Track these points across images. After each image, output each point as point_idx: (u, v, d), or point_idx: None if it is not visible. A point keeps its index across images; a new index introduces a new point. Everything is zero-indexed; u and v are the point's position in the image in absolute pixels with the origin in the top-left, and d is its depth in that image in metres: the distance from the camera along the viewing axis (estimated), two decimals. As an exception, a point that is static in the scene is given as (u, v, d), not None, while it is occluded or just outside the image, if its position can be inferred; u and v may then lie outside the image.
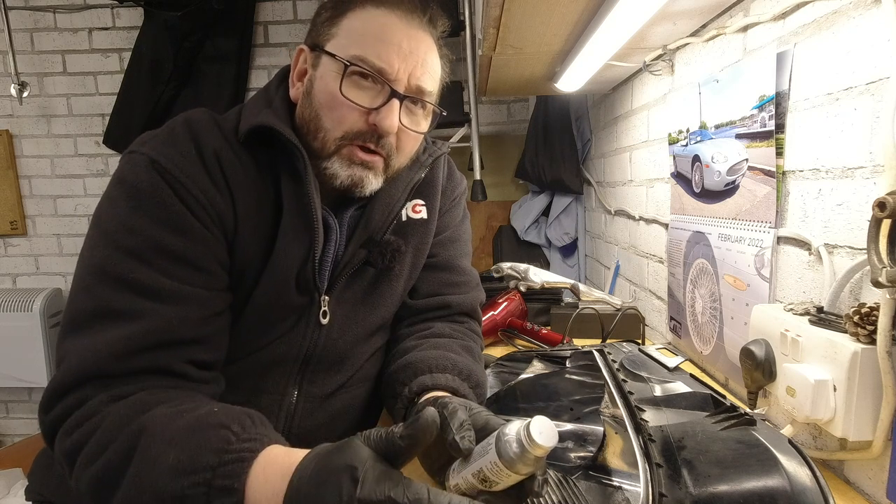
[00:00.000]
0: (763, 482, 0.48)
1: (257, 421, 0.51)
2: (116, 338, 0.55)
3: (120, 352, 0.55)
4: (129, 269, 0.58)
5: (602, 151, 1.70)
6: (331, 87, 0.65)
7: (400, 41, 0.65)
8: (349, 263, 0.72)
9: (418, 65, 0.67)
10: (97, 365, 0.54)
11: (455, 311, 0.85)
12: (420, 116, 0.71)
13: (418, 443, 0.44)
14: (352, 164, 0.67)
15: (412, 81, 0.67)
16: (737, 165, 0.80)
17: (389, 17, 0.66)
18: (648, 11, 0.81)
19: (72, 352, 0.56)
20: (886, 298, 0.49)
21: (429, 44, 0.69)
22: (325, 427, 0.75)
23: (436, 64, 0.70)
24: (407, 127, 0.68)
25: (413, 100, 0.68)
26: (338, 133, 0.66)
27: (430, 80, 0.69)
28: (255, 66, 2.30)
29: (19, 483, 2.00)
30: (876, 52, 0.54)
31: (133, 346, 0.55)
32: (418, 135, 0.71)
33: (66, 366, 0.55)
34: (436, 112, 0.73)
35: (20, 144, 2.35)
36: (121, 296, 0.57)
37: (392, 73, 0.65)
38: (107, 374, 0.55)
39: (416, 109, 0.70)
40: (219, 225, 0.64)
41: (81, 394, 0.54)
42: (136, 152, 0.63)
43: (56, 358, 0.57)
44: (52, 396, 0.55)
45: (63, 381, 0.55)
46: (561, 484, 0.56)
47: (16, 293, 2.28)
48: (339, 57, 0.64)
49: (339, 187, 0.68)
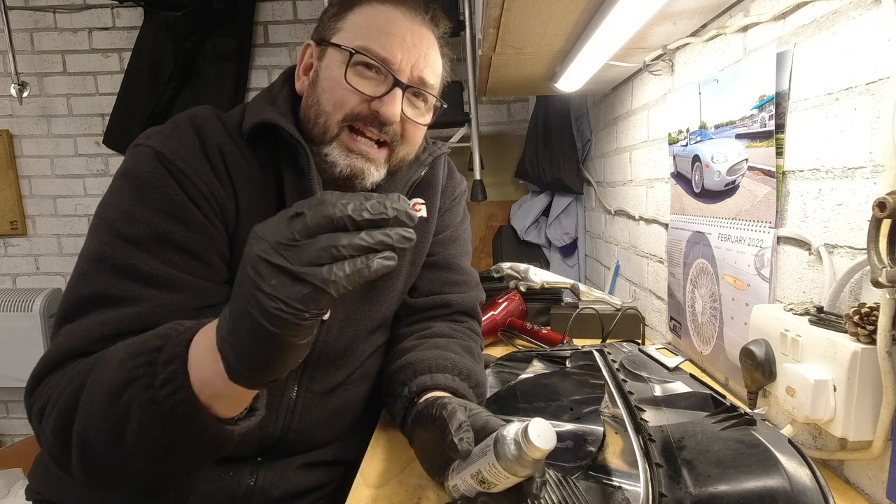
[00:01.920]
0: (763, 482, 0.48)
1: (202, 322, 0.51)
2: (108, 319, 0.55)
3: (109, 333, 0.55)
4: (127, 256, 0.58)
5: (602, 151, 1.70)
6: (335, 74, 0.66)
7: (403, 34, 0.67)
8: None
9: (421, 57, 0.68)
10: (83, 344, 0.54)
11: (455, 310, 0.85)
12: (422, 109, 0.72)
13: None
14: (350, 152, 0.68)
15: (415, 73, 0.68)
16: (737, 165, 0.80)
17: (393, 13, 0.68)
18: (648, 11, 0.81)
19: (62, 334, 0.56)
20: (886, 298, 0.49)
21: (430, 39, 0.70)
22: (324, 424, 0.75)
23: (437, 59, 0.72)
24: (410, 118, 0.69)
25: (415, 91, 0.69)
26: (338, 115, 0.67)
27: (432, 73, 0.70)
28: (255, 66, 2.30)
29: (19, 483, 2.00)
30: (876, 52, 0.54)
31: (123, 328, 0.55)
32: (422, 126, 0.72)
33: (53, 347, 0.55)
34: (437, 106, 0.74)
35: (20, 144, 2.35)
36: (118, 282, 0.57)
37: (395, 64, 0.66)
38: (89, 352, 0.54)
39: (419, 102, 0.71)
40: (220, 217, 0.64)
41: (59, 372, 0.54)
42: (141, 145, 0.63)
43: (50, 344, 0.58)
44: (35, 378, 0.55)
45: (46, 361, 0.55)
46: (561, 484, 0.56)
47: (16, 293, 2.28)
48: (345, 46, 0.66)
49: (339, 176, 0.68)
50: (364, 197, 0.40)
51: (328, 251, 0.38)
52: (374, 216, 0.39)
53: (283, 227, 0.39)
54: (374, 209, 0.39)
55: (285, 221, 0.39)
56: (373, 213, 0.39)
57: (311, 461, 0.75)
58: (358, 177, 0.68)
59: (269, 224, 0.40)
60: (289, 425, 0.72)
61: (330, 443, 0.78)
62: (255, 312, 0.39)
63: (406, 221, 0.40)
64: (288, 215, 0.39)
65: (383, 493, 0.61)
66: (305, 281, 0.38)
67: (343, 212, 0.38)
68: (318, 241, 0.38)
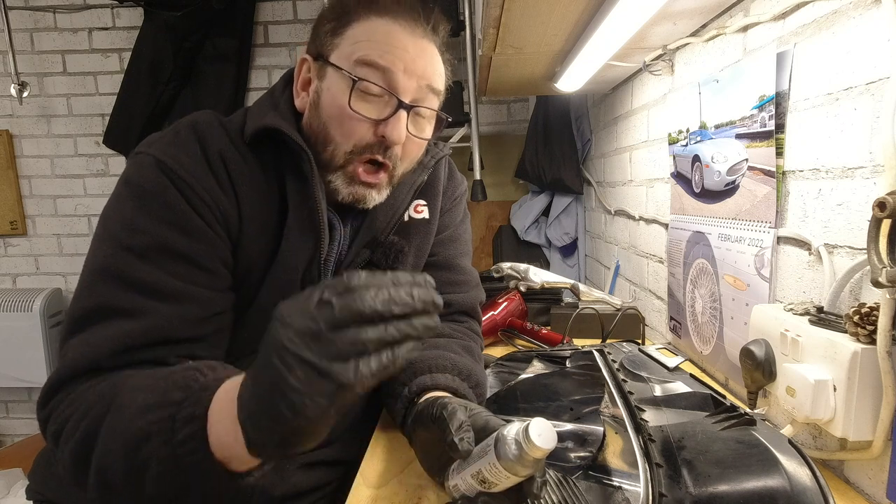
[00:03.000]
0: (763, 482, 0.48)
1: (230, 368, 0.51)
2: (115, 334, 0.55)
3: (117, 348, 0.55)
4: (132, 268, 0.58)
5: (602, 151, 1.70)
6: (339, 100, 0.65)
7: (405, 47, 0.66)
8: (353, 264, 0.72)
9: (423, 74, 0.67)
10: (93, 359, 0.55)
11: (455, 311, 0.85)
12: (425, 123, 0.71)
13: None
14: (353, 183, 0.68)
15: (417, 91, 0.67)
16: (737, 165, 0.80)
17: (393, 27, 0.66)
18: (648, 11, 0.81)
19: (71, 347, 0.56)
20: (886, 298, 0.49)
21: (432, 52, 0.69)
22: None
23: (440, 72, 0.71)
24: (413, 135, 0.69)
25: (418, 110, 0.68)
26: (348, 147, 0.66)
27: (435, 88, 0.70)
28: (255, 66, 2.30)
29: (19, 483, 2.00)
30: (876, 52, 0.54)
31: (131, 342, 0.56)
32: (423, 141, 0.72)
33: (64, 362, 0.55)
34: (441, 118, 0.73)
35: (20, 144, 2.35)
36: (123, 294, 0.57)
37: (398, 85, 0.65)
38: (101, 368, 0.55)
39: (421, 118, 0.70)
40: (223, 225, 0.64)
41: (73, 387, 0.54)
42: (143, 153, 0.63)
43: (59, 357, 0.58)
44: (48, 391, 0.55)
45: (59, 376, 0.55)
46: (561, 484, 0.56)
47: (16, 293, 2.28)
48: (346, 72, 0.65)
49: (342, 201, 0.69)
50: (392, 283, 0.39)
51: (355, 346, 0.37)
52: (402, 310, 0.38)
53: (309, 315, 0.38)
54: (402, 301, 0.38)
55: (312, 308, 0.38)
56: (401, 307, 0.38)
57: (312, 461, 0.75)
58: (360, 202, 0.69)
59: (295, 307, 0.39)
60: None
61: (330, 443, 0.78)
62: (278, 401, 0.38)
63: (432, 311, 0.40)
64: (314, 300, 0.38)
65: (383, 493, 0.61)
66: (332, 378, 0.37)
67: (372, 307, 0.37)
68: (346, 334, 0.37)
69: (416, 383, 0.68)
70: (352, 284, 0.38)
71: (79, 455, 0.50)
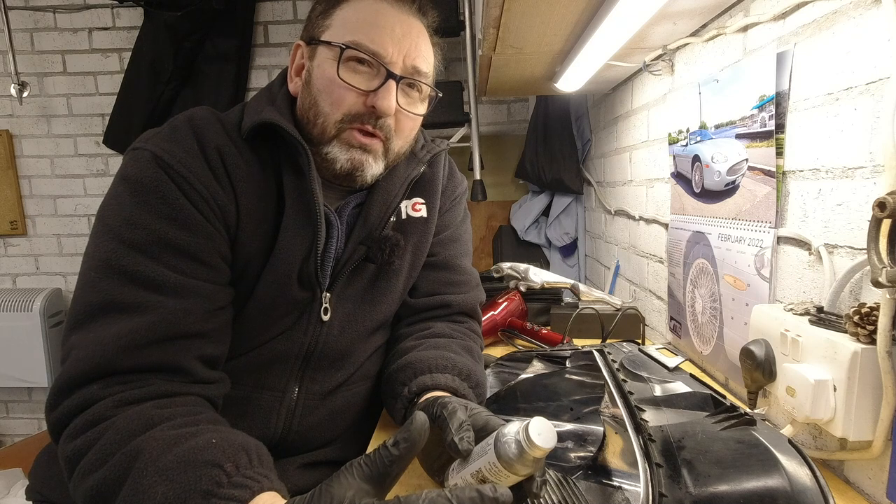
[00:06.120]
0: (763, 482, 0.48)
1: (254, 458, 0.49)
2: (122, 331, 0.55)
3: (126, 346, 0.55)
4: (133, 263, 0.58)
5: (602, 151, 1.70)
6: (328, 72, 0.66)
7: (392, 25, 0.67)
8: (350, 260, 0.72)
9: (412, 47, 0.68)
10: (104, 360, 0.54)
11: (455, 311, 0.85)
12: (416, 99, 0.72)
13: (412, 448, 0.44)
14: (350, 147, 0.68)
15: (407, 63, 0.68)
16: (737, 165, 0.80)
17: (381, 4, 0.68)
18: (648, 11, 0.81)
19: (77, 346, 0.55)
20: (886, 298, 0.49)
21: (420, 28, 0.71)
22: (325, 424, 0.75)
23: (428, 48, 0.72)
24: (404, 108, 0.69)
25: (409, 81, 0.69)
26: (337, 116, 0.67)
27: (424, 62, 0.71)
28: (255, 66, 2.30)
29: (19, 483, 2.00)
30: (876, 52, 0.54)
31: (139, 339, 0.55)
32: (416, 117, 0.72)
33: (72, 361, 0.55)
34: (432, 96, 0.74)
35: (20, 144, 2.35)
36: (125, 289, 0.57)
37: (387, 56, 0.66)
38: (113, 370, 0.54)
39: (412, 92, 0.71)
40: (221, 219, 0.64)
41: (87, 392, 0.54)
42: (140, 149, 0.63)
43: (62, 354, 0.57)
44: (57, 393, 0.55)
45: (69, 377, 0.54)
46: (561, 484, 0.56)
47: (16, 293, 2.28)
48: (335, 43, 0.66)
49: (340, 172, 0.69)
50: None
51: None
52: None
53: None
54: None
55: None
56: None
57: (312, 461, 0.75)
58: (358, 170, 0.68)
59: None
60: (289, 426, 0.72)
61: (330, 443, 0.78)
62: None
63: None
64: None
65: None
66: None
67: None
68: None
69: (416, 383, 0.68)
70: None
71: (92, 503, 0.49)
